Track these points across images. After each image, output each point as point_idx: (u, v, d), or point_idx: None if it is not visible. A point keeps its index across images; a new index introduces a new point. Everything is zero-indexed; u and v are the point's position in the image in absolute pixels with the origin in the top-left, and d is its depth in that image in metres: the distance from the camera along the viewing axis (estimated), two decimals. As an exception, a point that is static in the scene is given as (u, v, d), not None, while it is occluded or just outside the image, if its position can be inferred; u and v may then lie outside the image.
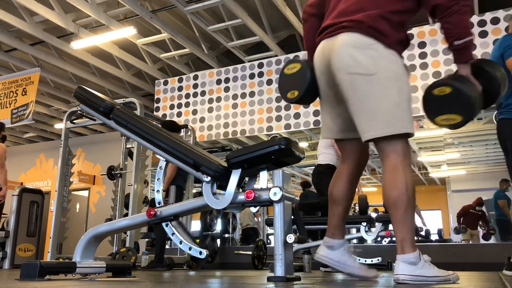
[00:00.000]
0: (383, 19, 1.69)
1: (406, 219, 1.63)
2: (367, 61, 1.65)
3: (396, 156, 1.65)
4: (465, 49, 1.62)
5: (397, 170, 1.63)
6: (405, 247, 1.63)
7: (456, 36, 1.59)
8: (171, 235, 1.97)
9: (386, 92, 1.64)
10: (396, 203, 1.63)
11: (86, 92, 2.19)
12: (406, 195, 1.61)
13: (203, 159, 1.88)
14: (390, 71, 1.66)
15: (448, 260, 5.31)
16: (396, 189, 1.62)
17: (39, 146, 11.47)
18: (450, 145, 10.44)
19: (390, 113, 1.63)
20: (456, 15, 1.57)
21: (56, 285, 1.64)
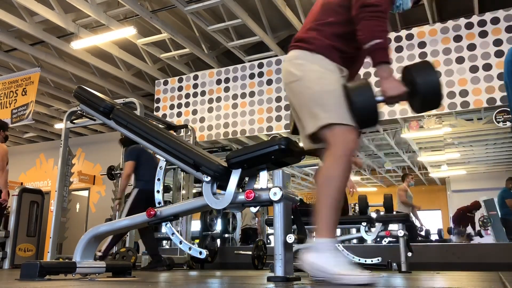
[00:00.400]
0: (312, 30, 1.85)
1: (323, 206, 1.64)
2: (295, 69, 1.82)
3: (333, 148, 1.67)
4: (375, 52, 1.68)
5: (331, 161, 1.66)
6: (317, 232, 1.64)
7: (364, 40, 1.68)
8: (171, 235, 1.97)
9: (312, 90, 1.75)
10: (321, 190, 1.66)
11: (86, 92, 2.19)
12: (330, 185, 1.64)
13: (203, 159, 1.88)
14: (314, 71, 1.77)
15: (448, 260, 5.32)
16: (323, 177, 1.67)
17: (39, 146, 11.48)
18: (450, 145, 10.43)
19: (317, 108, 1.72)
20: (363, 21, 1.68)
21: (56, 285, 1.64)
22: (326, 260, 1.56)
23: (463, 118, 8.59)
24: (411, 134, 8.81)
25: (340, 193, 1.66)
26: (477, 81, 5.60)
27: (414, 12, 6.76)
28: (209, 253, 5.81)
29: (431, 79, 1.64)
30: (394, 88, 1.67)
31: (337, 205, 1.65)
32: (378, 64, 1.70)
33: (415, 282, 1.90)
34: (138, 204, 4.31)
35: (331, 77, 1.77)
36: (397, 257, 3.90)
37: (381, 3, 1.70)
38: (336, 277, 1.52)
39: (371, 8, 1.68)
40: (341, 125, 1.67)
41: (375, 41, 1.66)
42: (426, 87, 1.64)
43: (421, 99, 1.66)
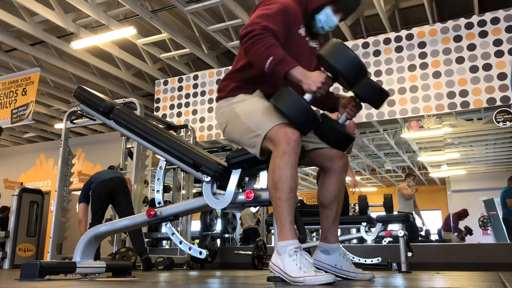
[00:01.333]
0: (225, 80, 1.98)
1: (279, 209, 1.65)
2: (221, 118, 1.97)
3: (275, 147, 1.69)
4: (275, 70, 1.69)
5: (277, 161, 1.67)
6: (279, 235, 1.65)
7: (260, 66, 1.72)
8: (171, 235, 1.97)
9: (239, 125, 1.84)
10: (274, 192, 1.67)
11: (86, 92, 2.18)
12: (282, 186, 1.65)
13: (203, 159, 1.88)
14: (234, 111, 1.87)
15: (448, 260, 5.32)
16: (274, 179, 1.67)
17: (39, 146, 11.48)
18: (450, 145, 10.43)
19: (251, 133, 1.78)
20: (248, 53, 1.74)
21: (56, 285, 1.64)
22: (286, 264, 1.58)
23: (463, 118, 8.59)
24: (411, 134, 8.81)
25: (293, 192, 1.66)
26: (477, 81, 5.60)
27: (414, 12, 6.77)
28: (209, 253, 5.81)
29: (343, 55, 1.65)
30: (314, 80, 1.67)
31: (292, 204, 1.65)
32: (284, 77, 1.70)
33: (415, 282, 1.90)
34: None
35: (250, 102, 1.87)
36: (397, 257, 3.90)
37: (255, 27, 1.71)
38: (298, 280, 1.53)
39: (247, 37, 1.72)
40: (274, 127, 1.69)
41: (268, 62, 1.67)
42: (343, 64, 1.65)
43: (345, 77, 1.68)
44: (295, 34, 1.88)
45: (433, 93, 5.81)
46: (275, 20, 1.77)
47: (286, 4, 1.85)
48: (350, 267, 1.96)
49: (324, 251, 1.96)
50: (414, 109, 5.91)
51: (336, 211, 1.97)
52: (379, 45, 6.25)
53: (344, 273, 1.94)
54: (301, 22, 1.91)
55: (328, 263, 1.95)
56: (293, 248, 1.60)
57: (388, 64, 6.15)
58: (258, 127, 1.75)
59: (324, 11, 1.89)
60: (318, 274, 1.53)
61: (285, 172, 1.63)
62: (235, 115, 1.86)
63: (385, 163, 12.73)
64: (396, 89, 6.03)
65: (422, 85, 5.89)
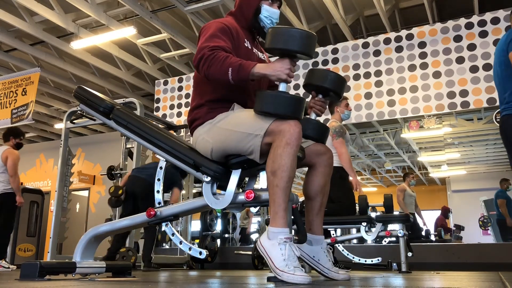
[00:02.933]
0: (194, 112, 2.00)
1: (276, 196, 1.69)
2: (204, 144, 1.89)
3: (276, 140, 1.71)
4: (238, 79, 1.73)
5: (278, 151, 1.69)
6: (272, 220, 1.69)
7: (225, 82, 1.76)
8: (171, 235, 1.97)
9: (226, 135, 1.82)
10: (272, 180, 1.70)
11: (86, 92, 2.18)
12: (281, 175, 1.68)
13: (203, 159, 1.88)
14: (218, 130, 1.86)
15: (448, 260, 5.32)
16: (273, 167, 1.70)
17: (39, 146, 11.48)
18: (450, 145, 10.44)
19: (245, 137, 1.77)
20: (210, 76, 1.78)
21: (56, 285, 1.64)
22: (273, 252, 1.64)
23: (463, 118, 8.59)
24: (411, 134, 8.81)
25: (291, 181, 1.70)
26: (477, 81, 5.60)
27: (414, 12, 6.77)
28: (209, 253, 5.81)
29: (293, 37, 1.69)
30: (280, 68, 1.71)
31: (288, 194, 1.71)
32: (251, 78, 1.74)
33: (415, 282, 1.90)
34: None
35: (234, 115, 1.85)
36: (397, 257, 3.89)
37: (204, 51, 1.78)
38: (278, 272, 1.60)
39: (201, 63, 1.78)
40: (274, 122, 1.71)
41: (229, 74, 1.72)
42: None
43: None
44: (243, 48, 1.98)
45: (433, 93, 5.81)
46: (219, 38, 1.85)
47: (224, 22, 1.95)
48: (327, 264, 2.00)
49: (308, 241, 2.00)
50: (414, 109, 5.90)
51: (321, 203, 2.05)
52: (379, 45, 6.25)
53: (319, 267, 1.99)
54: (244, 37, 2.01)
55: (307, 253, 2.01)
56: (284, 238, 1.64)
57: (388, 64, 6.15)
58: (254, 129, 1.74)
59: (263, 8, 2.05)
60: (297, 273, 1.58)
61: (286, 161, 1.67)
62: (223, 131, 1.83)
63: (385, 163, 12.73)
64: (396, 89, 6.03)
65: (422, 85, 5.89)
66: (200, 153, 1.92)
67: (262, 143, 1.74)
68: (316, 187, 2.03)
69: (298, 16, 6.38)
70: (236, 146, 1.80)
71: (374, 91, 6.14)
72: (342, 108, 4.16)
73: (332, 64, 6.49)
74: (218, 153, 1.86)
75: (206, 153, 1.89)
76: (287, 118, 1.70)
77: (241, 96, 1.95)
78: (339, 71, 6.41)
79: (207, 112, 1.93)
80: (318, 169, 2.03)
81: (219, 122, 1.88)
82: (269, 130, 1.72)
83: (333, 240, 4.04)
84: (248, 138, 1.76)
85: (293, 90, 6.57)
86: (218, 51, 1.77)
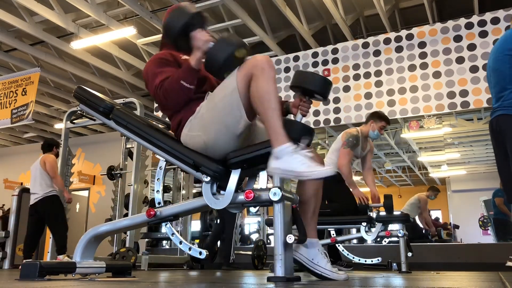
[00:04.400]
0: (178, 129, 2.02)
1: (270, 117, 1.72)
2: (196, 138, 1.90)
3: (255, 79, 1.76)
4: (191, 77, 1.89)
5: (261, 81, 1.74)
6: (275, 142, 1.71)
7: (187, 92, 1.89)
8: (171, 235, 1.97)
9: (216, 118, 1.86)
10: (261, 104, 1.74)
11: (86, 92, 2.18)
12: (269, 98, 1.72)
13: (202, 159, 1.88)
14: (200, 120, 1.90)
15: (448, 260, 5.32)
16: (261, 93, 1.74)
17: (39, 146, 11.44)
18: (450, 145, 10.43)
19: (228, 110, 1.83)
20: (172, 97, 1.90)
21: (56, 285, 1.64)
22: (290, 163, 1.66)
23: (463, 118, 8.59)
24: (411, 134, 8.81)
25: (278, 103, 1.74)
26: (477, 81, 5.60)
27: (414, 12, 6.77)
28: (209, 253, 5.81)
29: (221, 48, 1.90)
30: (200, 41, 1.94)
31: (280, 114, 1.74)
32: (198, 68, 1.90)
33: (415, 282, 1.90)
34: None
35: (204, 104, 1.91)
36: (397, 257, 3.90)
37: (157, 92, 1.91)
38: (303, 174, 1.64)
39: (160, 93, 1.90)
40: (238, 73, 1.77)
41: (185, 84, 1.87)
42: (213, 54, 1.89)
43: (205, 61, 1.90)
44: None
45: (433, 93, 5.82)
46: (160, 73, 1.96)
47: (157, 56, 2.08)
48: (327, 265, 2.01)
49: (304, 245, 2.02)
50: (414, 109, 5.91)
51: (314, 206, 2.08)
52: (379, 45, 6.25)
53: (319, 270, 1.99)
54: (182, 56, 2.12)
55: (306, 257, 2.02)
56: (291, 148, 1.67)
57: (388, 64, 6.15)
58: (226, 91, 1.79)
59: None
60: (321, 168, 1.63)
61: (268, 86, 1.71)
62: (205, 116, 1.87)
63: (385, 163, 12.73)
64: (396, 89, 6.03)
65: (422, 85, 5.89)
66: (199, 152, 1.91)
67: (239, 84, 1.76)
68: (309, 191, 2.07)
69: (298, 16, 6.39)
70: (225, 120, 1.81)
71: (374, 91, 6.14)
72: (375, 126, 4.08)
73: (332, 64, 6.49)
74: (211, 141, 1.85)
75: (200, 148, 1.88)
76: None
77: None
78: (339, 71, 6.42)
79: (184, 114, 1.95)
80: (255, 79, 1.97)
81: (197, 114, 1.91)
82: (239, 79, 1.77)
83: (333, 240, 4.04)
84: (228, 102, 1.79)
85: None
86: (164, 81, 1.90)
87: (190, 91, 1.89)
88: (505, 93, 2.51)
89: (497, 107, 2.57)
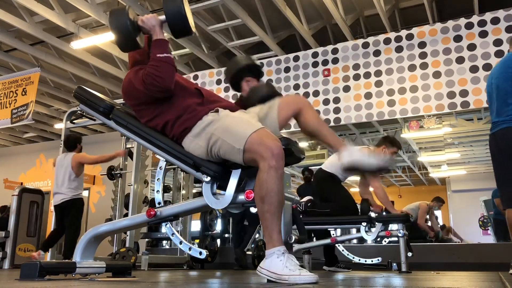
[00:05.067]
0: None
1: (268, 220, 1.69)
2: (207, 139, 1.89)
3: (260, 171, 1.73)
4: (163, 46, 2.09)
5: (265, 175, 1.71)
6: (267, 244, 1.71)
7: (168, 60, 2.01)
8: (171, 235, 1.97)
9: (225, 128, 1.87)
10: (262, 205, 1.70)
11: (86, 92, 2.18)
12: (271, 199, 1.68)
13: (203, 159, 1.88)
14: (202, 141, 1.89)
15: (448, 260, 5.32)
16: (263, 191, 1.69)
17: (39, 146, 11.47)
18: (450, 145, 10.43)
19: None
20: (163, 75, 1.93)
21: (56, 285, 1.64)
22: (273, 264, 1.65)
23: (463, 118, 8.59)
24: (411, 134, 8.81)
25: (281, 205, 1.70)
26: (477, 81, 5.59)
27: (414, 12, 6.77)
28: (209, 253, 5.80)
29: (173, 6, 2.02)
30: (150, 21, 2.08)
31: (280, 216, 1.70)
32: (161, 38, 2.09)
33: (415, 282, 1.90)
34: None
35: (216, 122, 1.89)
36: (397, 257, 3.90)
37: (141, 76, 1.94)
38: (283, 278, 1.61)
39: (148, 81, 1.92)
40: (248, 140, 1.73)
41: (164, 54, 2.02)
42: (171, 15, 2.04)
43: (170, 26, 2.09)
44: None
45: (433, 93, 5.81)
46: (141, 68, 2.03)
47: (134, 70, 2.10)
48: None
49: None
50: (414, 109, 5.90)
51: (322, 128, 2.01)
52: (379, 45, 6.25)
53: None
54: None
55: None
56: (281, 250, 1.66)
57: (388, 64, 6.15)
58: (235, 140, 1.77)
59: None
60: (303, 273, 1.60)
61: (272, 187, 1.66)
62: (213, 136, 1.84)
63: (387, 164, 12.71)
64: (396, 89, 6.03)
65: (422, 85, 5.89)
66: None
67: (244, 158, 1.74)
68: (313, 123, 1.97)
69: (298, 16, 6.38)
70: (230, 156, 1.80)
71: (374, 91, 6.14)
72: (387, 152, 4.07)
73: (332, 64, 6.49)
74: (213, 156, 1.86)
75: (202, 155, 1.89)
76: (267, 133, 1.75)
77: (192, 99, 1.99)
78: (339, 71, 6.41)
79: (184, 121, 1.92)
80: (305, 111, 1.98)
81: (207, 126, 1.87)
82: (247, 148, 1.73)
83: (333, 240, 4.04)
84: (234, 150, 1.77)
85: (292, 90, 6.57)
86: (144, 70, 1.96)
87: (170, 58, 1.97)
88: (509, 108, 2.57)
89: (500, 120, 2.61)
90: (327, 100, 6.35)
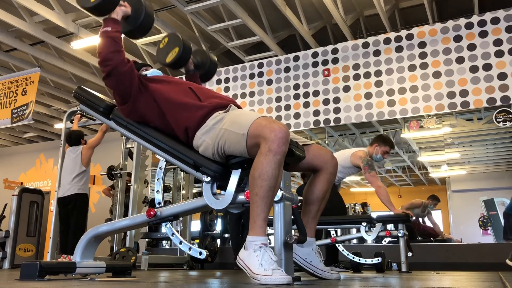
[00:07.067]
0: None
1: (257, 204, 1.66)
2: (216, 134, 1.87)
3: (259, 153, 1.68)
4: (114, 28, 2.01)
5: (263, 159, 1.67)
6: (250, 230, 1.67)
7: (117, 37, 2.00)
8: (171, 235, 1.97)
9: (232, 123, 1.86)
10: (254, 187, 1.66)
11: (86, 92, 2.18)
12: (263, 183, 1.64)
13: (203, 159, 1.88)
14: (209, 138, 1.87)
15: (448, 260, 5.32)
16: (257, 174, 1.66)
17: (39, 146, 11.47)
18: (450, 145, 10.43)
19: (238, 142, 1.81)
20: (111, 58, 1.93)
21: (56, 285, 1.64)
22: (250, 259, 1.62)
23: (463, 118, 8.59)
24: (411, 134, 8.81)
25: (272, 190, 1.65)
26: (477, 81, 5.60)
27: (414, 12, 6.76)
28: (209, 253, 5.81)
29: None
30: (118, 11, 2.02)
31: (269, 203, 1.66)
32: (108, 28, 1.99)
33: (415, 282, 1.90)
34: None
35: (226, 116, 1.89)
36: (397, 257, 3.89)
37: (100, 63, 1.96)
38: (255, 277, 1.58)
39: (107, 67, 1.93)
40: (256, 120, 1.73)
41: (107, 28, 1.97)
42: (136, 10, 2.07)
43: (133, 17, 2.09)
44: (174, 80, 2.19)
45: (433, 93, 5.81)
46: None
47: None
48: (319, 265, 2.01)
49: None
50: (414, 109, 5.90)
51: (318, 208, 2.05)
52: (379, 45, 6.25)
53: (311, 268, 2.00)
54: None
55: (299, 255, 2.01)
56: (259, 244, 1.62)
57: (388, 64, 6.15)
58: (239, 127, 1.75)
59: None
60: (275, 274, 1.55)
61: (267, 170, 1.62)
62: (221, 131, 1.82)
63: (385, 163, 12.72)
64: (396, 89, 6.03)
65: (422, 85, 5.89)
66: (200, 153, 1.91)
67: (247, 144, 1.72)
68: (318, 193, 2.02)
69: (298, 16, 6.38)
70: (235, 147, 1.78)
71: (374, 91, 6.14)
72: (379, 150, 4.11)
73: (332, 64, 6.49)
74: (219, 154, 1.84)
75: (209, 154, 1.87)
76: (274, 120, 1.72)
77: (188, 97, 1.99)
78: (339, 71, 6.41)
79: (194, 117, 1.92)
80: (322, 175, 2.01)
81: (217, 123, 1.86)
82: (250, 133, 1.70)
83: (333, 240, 4.04)
84: (238, 137, 1.75)
85: (293, 90, 6.57)
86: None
87: (105, 31, 1.96)
88: None
89: None
90: (327, 100, 6.35)
